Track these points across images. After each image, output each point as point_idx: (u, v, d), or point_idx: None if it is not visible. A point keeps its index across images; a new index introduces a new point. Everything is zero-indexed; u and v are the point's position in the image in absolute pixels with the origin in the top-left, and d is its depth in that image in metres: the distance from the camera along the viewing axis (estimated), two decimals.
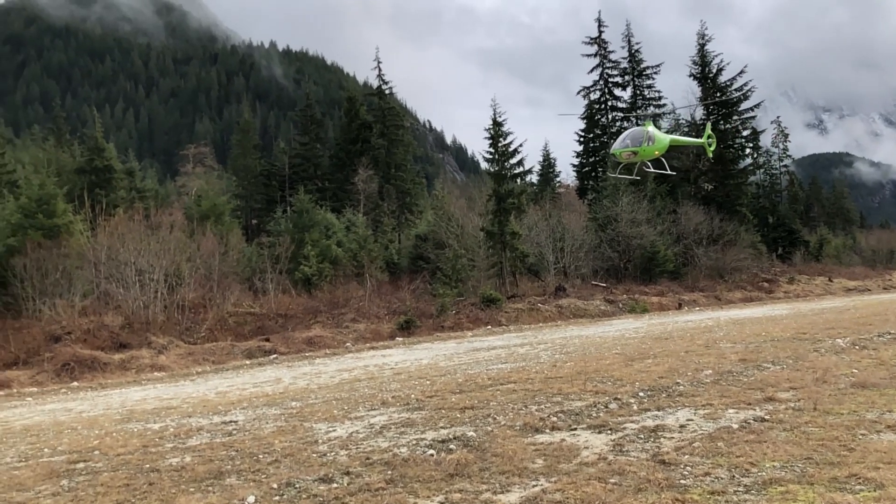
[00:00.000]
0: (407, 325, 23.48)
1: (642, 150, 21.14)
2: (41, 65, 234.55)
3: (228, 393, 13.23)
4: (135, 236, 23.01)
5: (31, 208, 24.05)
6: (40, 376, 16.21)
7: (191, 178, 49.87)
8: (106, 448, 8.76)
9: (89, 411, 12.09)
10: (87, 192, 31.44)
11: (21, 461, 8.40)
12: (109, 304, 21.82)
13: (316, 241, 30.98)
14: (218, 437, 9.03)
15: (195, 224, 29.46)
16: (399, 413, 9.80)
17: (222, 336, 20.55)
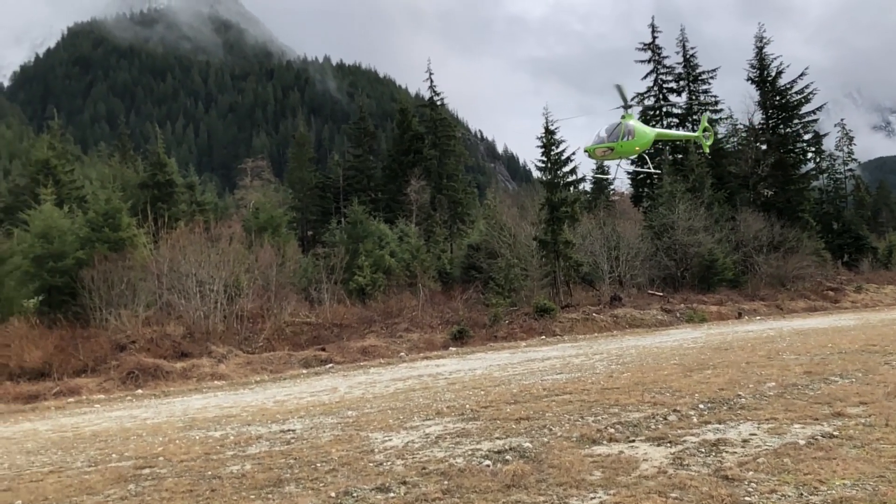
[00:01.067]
0: (460, 334, 23.48)
1: (619, 147, 19.53)
2: (107, 84, 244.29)
3: (286, 402, 13.45)
4: (195, 248, 23.64)
5: (98, 222, 24.95)
6: (107, 384, 16.78)
7: (248, 191, 51.04)
8: (170, 454, 9.00)
9: (153, 418, 12.46)
10: (150, 206, 32.52)
11: (91, 466, 8.71)
12: (171, 315, 22.44)
13: (369, 252, 31.30)
14: (277, 446, 9.18)
15: (253, 236, 30.13)
16: (454, 423, 9.79)
17: (279, 345, 20.92)
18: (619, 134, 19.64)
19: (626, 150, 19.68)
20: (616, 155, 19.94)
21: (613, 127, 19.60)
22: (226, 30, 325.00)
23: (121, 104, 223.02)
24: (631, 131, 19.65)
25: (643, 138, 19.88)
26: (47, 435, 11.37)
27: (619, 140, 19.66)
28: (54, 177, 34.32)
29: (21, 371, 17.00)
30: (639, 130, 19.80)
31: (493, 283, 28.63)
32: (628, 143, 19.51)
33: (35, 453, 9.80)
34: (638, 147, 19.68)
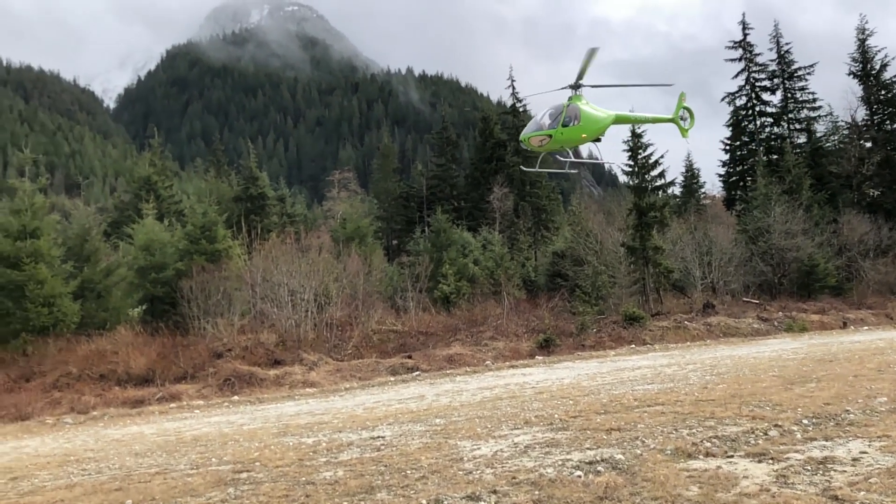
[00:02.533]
0: (546, 343, 23.23)
1: (559, 134, 16.23)
2: (202, 103, 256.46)
3: (375, 409, 13.64)
4: (287, 259, 24.38)
5: (195, 235, 26.11)
6: (205, 390, 17.51)
7: (336, 202, 52.25)
8: (265, 460, 9.28)
9: (249, 424, 12.89)
10: (244, 219, 33.85)
11: (193, 469, 9.08)
12: (265, 323, 23.22)
13: (453, 260, 31.45)
14: (367, 452, 9.31)
15: (341, 246, 30.84)
16: (543, 433, 9.67)
17: (367, 353, 21.29)
18: (560, 119, 16.37)
19: (568, 138, 16.46)
20: (556, 144, 16.59)
21: (555, 110, 16.55)
22: (312, 46, 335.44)
23: (215, 121, 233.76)
24: (576, 115, 16.43)
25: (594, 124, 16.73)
26: (152, 438, 11.96)
27: (559, 126, 16.36)
28: (155, 192, 36.20)
29: (128, 377, 17.98)
30: (587, 115, 16.60)
31: (579, 291, 28.20)
32: (572, 130, 16.32)
33: (142, 455, 10.32)
34: (585, 135, 16.50)
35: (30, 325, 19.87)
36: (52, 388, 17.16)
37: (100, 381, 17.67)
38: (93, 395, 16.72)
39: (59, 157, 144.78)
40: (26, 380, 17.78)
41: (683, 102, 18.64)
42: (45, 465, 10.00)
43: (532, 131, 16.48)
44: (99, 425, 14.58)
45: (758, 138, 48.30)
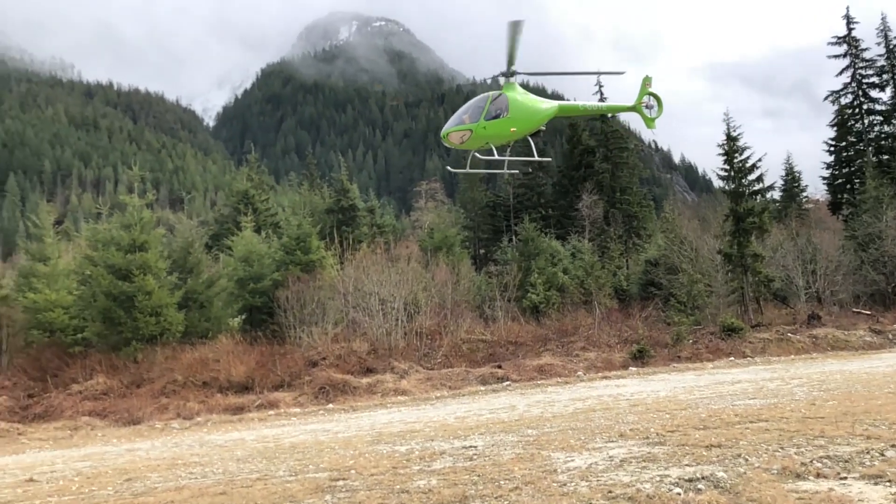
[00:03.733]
0: (640, 354, 22.64)
1: (480, 129, 14.18)
2: (295, 118, 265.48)
3: (466, 418, 13.66)
4: (377, 268, 24.83)
5: (291, 246, 26.97)
6: (301, 398, 18.02)
7: (423, 212, 52.88)
8: (360, 468, 9.45)
9: (344, 432, 13.16)
10: (336, 230, 34.70)
11: (291, 475, 9.35)
12: (357, 332, 23.69)
13: (542, 269, 31.15)
14: (460, 462, 9.33)
15: (429, 255, 31.12)
16: (639, 447, 9.41)
17: (457, 362, 21.36)
18: (483, 111, 14.34)
19: (493, 132, 14.33)
20: (479, 140, 14.41)
21: (479, 101, 14.62)
22: (399, 60, 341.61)
23: (307, 136, 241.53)
24: (503, 107, 14.36)
25: (526, 116, 14.55)
26: (253, 445, 12.40)
27: (481, 119, 14.28)
28: (252, 205, 37.68)
29: (229, 384, 18.73)
30: (518, 105, 14.46)
31: (674, 301, 27.34)
32: (497, 124, 14.20)
33: (244, 461, 10.71)
34: (514, 128, 14.39)
35: (139, 333, 21.01)
36: (159, 394, 18.10)
37: (203, 388, 18.49)
38: (197, 402, 17.51)
39: (163, 173, 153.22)
40: (137, 386, 18.82)
41: (648, 88, 15.90)
42: (156, 468, 10.54)
43: (452, 126, 14.58)
44: (203, 431, 15.25)
45: (866, 138, 45.52)
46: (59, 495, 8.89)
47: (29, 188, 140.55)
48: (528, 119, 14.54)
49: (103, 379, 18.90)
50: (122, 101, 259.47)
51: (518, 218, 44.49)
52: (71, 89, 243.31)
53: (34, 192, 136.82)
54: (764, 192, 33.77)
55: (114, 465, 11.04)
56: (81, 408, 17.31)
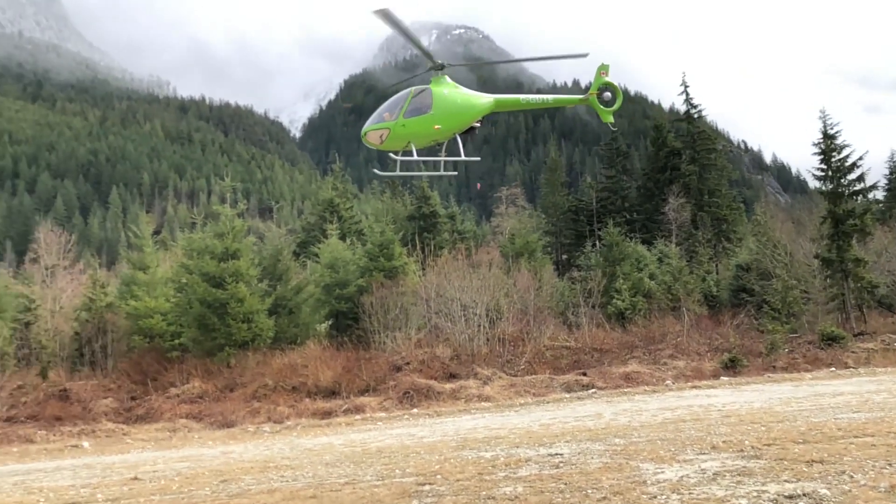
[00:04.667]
0: (732, 363, 21.80)
1: (398, 127, 12.80)
2: None
3: (551, 426, 13.51)
4: (458, 274, 24.94)
5: (374, 253, 27.45)
6: (387, 402, 18.28)
7: (504, 218, 52.71)
8: (446, 473, 9.48)
9: (429, 437, 13.25)
10: (417, 236, 35.07)
11: (379, 480, 9.48)
12: (439, 337, 23.85)
13: (627, 275, 30.50)
14: (546, 469, 9.23)
15: (510, 261, 31.01)
16: (732, 460, 9.05)
17: (540, 369, 21.17)
18: (402, 108, 12.94)
19: (414, 131, 12.79)
20: (398, 140, 12.94)
21: (401, 97, 13.30)
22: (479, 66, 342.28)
23: None
24: (426, 103, 12.90)
25: (454, 112, 13.00)
26: (341, 449, 12.65)
27: (399, 117, 12.87)
28: (337, 214, 38.56)
29: (316, 389, 19.21)
30: (443, 101, 12.94)
31: (767, 307, 26.18)
32: (418, 122, 12.72)
33: (332, 465, 10.94)
34: (439, 125, 12.79)
35: (232, 339, 21.81)
36: (251, 398, 18.74)
37: (292, 393, 19.02)
38: (286, 406, 18.04)
39: (253, 183, 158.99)
40: (230, 390, 19.55)
41: (604, 77, 14.02)
42: (249, 470, 10.91)
43: (370, 124, 13.31)
44: (293, 434, 15.69)
45: None
46: (161, 494, 9.33)
47: (129, 200, 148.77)
48: (454, 115, 12.94)
49: (199, 383, 19.73)
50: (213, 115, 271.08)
51: (601, 222, 43.73)
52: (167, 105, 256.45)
53: (134, 203, 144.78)
54: (865, 193, 31.86)
55: (210, 466, 11.49)
56: (179, 410, 18.14)
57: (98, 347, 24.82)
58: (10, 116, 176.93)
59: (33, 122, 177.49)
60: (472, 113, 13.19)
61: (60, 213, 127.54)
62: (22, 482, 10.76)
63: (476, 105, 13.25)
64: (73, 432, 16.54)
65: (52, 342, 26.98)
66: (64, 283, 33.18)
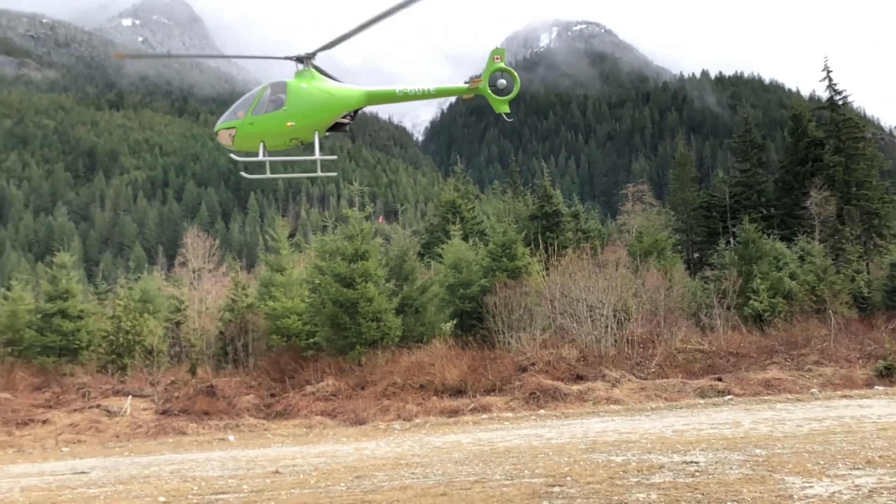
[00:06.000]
0: (888, 371, 20.05)
1: (245, 126, 11.69)
2: (498, 128, 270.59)
3: (685, 432, 12.99)
4: (583, 274, 24.50)
5: (497, 253, 27.51)
6: (513, 402, 18.27)
7: (631, 215, 51.29)
8: (576, 475, 9.35)
9: (557, 439, 13.12)
10: (540, 236, 34.80)
11: (507, 479, 9.49)
12: (565, 338, 23.53)
13: (765, 274, 28.79)
14: (680, 477, 8.90)
15: (638, 260, 30.12)
16: (891, 476, 8.35)
17: (672, 373, 20.41)
18: (252, 105, 11.90)
19: (265, 130, 11.70)
20: (249, 139, 11.90)
21: (252, 94, 12.25)
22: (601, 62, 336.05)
23: (510, 145, 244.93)
24: (279, 99, 11.82)
25: (314, 109, 11.83)
26: (469, 447, 12.77)
27: (247, 115, 11.85)
28: (460, 214, 38.97)
29: (443, 388, 19.49)
30: (299, 96, 11.77)
31: None
32: (268, 120, 11.70)
33: (461, 463, 11.06)
34: (292, 123, 11.65)
35: (362, 338, 22.55)
36: (381, 396, 19.30)
37: (420, 391, 19.41)
38: (415, 404, 18.44)
39: (379, 187, 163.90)
40: (361, 388, 20.23)
41: (498, 63, 12.54)
42: (381, 467, 11.23)
43: (221, 122, 12.25)
44: (421, 432, 16.01)
45: None
46: (300, 488, 9.79)
47: (266, 205, 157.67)
48: (312, 112, 11.80)
49: (332, 381, 20.55)
50: None
51: (736, 219, 41.63)
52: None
53: (270, 208, 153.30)
54: None
55: (344, 462, 11.94)
56: (314, 407, 18.98)
57: (240, 346, 26.46)
58: (160, 130, 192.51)
59: (180, 134, 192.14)
60: (335, 109, 12.09)
61: (204, 218, 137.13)
62: (177, 471, 11.64)
63: (340, 100, 12.13)
64: (220, 426, 17.71)
65: (199, 341, 29.09)
66: (209, 285, 35.70)
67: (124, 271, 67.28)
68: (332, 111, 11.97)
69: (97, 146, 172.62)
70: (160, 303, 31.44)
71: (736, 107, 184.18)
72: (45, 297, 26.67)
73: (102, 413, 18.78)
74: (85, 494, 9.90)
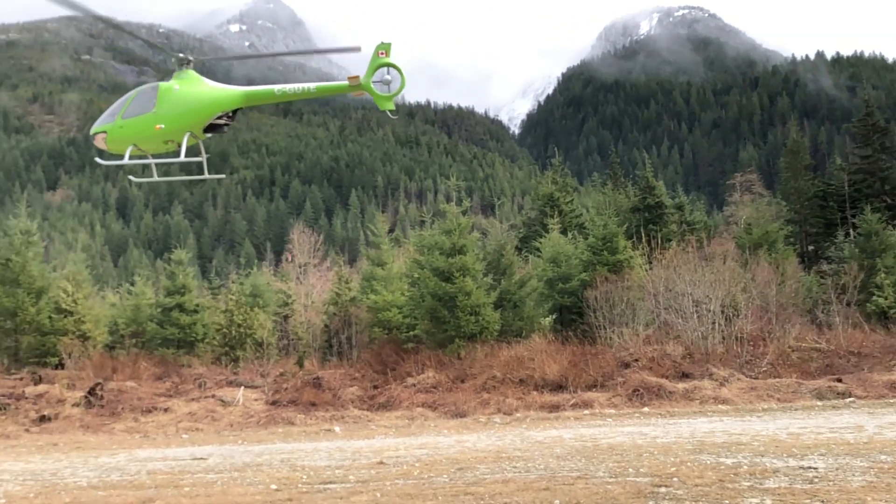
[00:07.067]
0: None
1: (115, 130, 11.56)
2: (597, 119, 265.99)
3: (801, 435, 12.33)
4: (689, 268, 23.65)
5: (597, 246, 27.00)
6: (615, 399, 17.90)
7: (738, 206, 49.17)
8: (684, 476, 9.07)
9: (662, 438, 12.75)
10: (643, 228, 33.89)
11: (611, 477, 9.32)
12: (669, 334, 22.81)
13: (890, 268, 26.83)
14: (797, 483, 8.48)
15: (747, 253, 28.79)
16: None
17: (786, 372, 19.39)
18: (123, 108, 11.81)
19: (135, 133, 11.62)
20: (120, 143, 11.80)
21: (125, 97, 12.09)
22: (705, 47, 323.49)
23: (609, 136, 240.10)
24: (150, 102, 11.67)
25: (184, 112, 11.66)
26: (570, 443, 12.62)
27: (117, 118, 11.80)
28: (558, 208, 38.52)
29: (543, 382, 19.35)
30: (170, 98, 11.62)
31: None
32: (137, 123, 11.59)
33: (563, 458, 10.96)
34: (161, 126, 11.50)
35: (461, 331, 22.71)
36: (481, 389, 19.38)
37: (520, 385, 19.35)
38: (515, 398, 18.39)
39: (475, 181, 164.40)
40: (461, 381, 20.38)
41: (383, 58, 11.74)
42: (483, 460, 11.28)
43: (96, 125, 12.18)
44: (522, 426, 15.96)
45: None
46: (404, 479, 9.99)
47: (366, 201, 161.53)
48: (183, 114, 11.70)
49: (433, 373, 20.81)
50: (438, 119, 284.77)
51: (856, 208, 39.08)
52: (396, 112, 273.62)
53: (370, 204, 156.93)
54: None
55: (446, 454, 12.07)
56: (415, 399, 19.27)
57: (344, 339, 27.25)
58: (266, 131, 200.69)
59: (285, 134, 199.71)
60: (207, 110, 11.94)
61: (309, 215, 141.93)
62: (287, 460, 12.12)
63: (214, 101, 12.00)
64: (326, 417, 18.28)
65: (306, 333, 30.17)
66: (314, 280, 36.97)
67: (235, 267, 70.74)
68: (204, 112, 11.93)
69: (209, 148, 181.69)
70: (269, 297, 32.83)
71: (855, 89, 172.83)
72: (165, 292, 28.35)
73: (217, 403, 19.78)
74: (204, 480, 10.47)
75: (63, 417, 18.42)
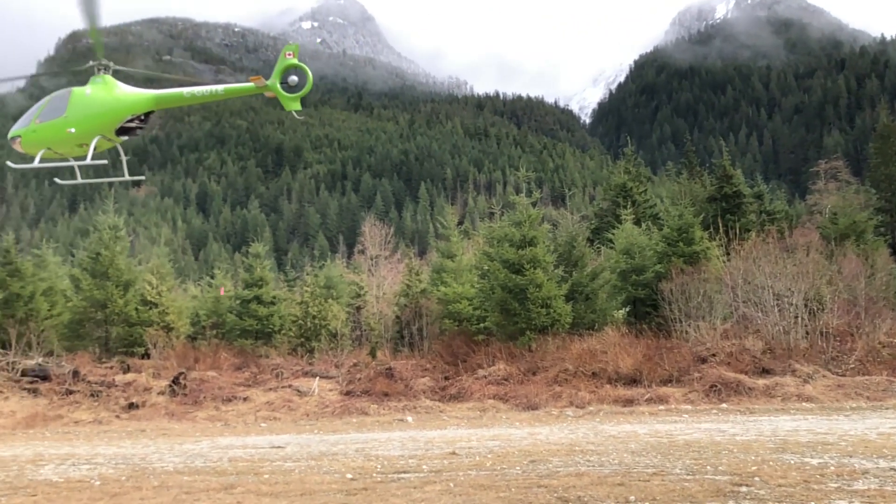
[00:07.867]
0: None
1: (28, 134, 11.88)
2: (671, 107, 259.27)
3: (892, 435, 11.74)
4: (769, 259, 22.77)
5: (672, 237, 26.33)
6: (691, 395, 17.44)
7: (823, 195, 47.01)
8: (765, 476, 8.78)
9: (742, 435, 12.36)
10: (720, 219, 32.82)
11: (689, 474, 9.10)
12: (748, 328, 22.05)
13: None
14: (888, 485, 8.10)
15: (833, 244, 27.53)
16: None
17: (876, 369, 18.46)
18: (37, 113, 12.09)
19: (47, 137, 11.88)
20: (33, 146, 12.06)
21: (41, 101, 12.32)
22: (786, 29, 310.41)
23: (684, 123, 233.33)
24: (61, 106, 11.88)
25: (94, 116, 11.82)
26: (645, 438, 12.38)
27: (31, 122, 12.09)
28: (631, 198, 37.71)
29: (616, 376, 19.03)
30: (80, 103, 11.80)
31: None
32: (49, 127, 11.83)
33: (638, 454, 10.76)
34: (72, 130, 11.68)
35: (532, 324, 22.56)
36: (553, 382, 19.21)
37: (592, 379, 19.10)
38: (587, 392, 18.16)
39: (545, 172, 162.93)
40: (532, 373, 20.26)
41: (290, 59, 11.73)
42: (556, 452, 11.20)
43: (14, 129, 12.44)
44: (595, 420, 15.76)
45: None
46: (476, 470, 10.02)
47: (435, 194, 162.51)
48: (92, 118, 11.96)
49: (503, 365, 20.77)
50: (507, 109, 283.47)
51: None
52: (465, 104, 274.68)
53: (439, 197, 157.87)
54: None
55: (518, 446, 12.04)
56: (486, 391, 19.27)
57: (415, 330, 27.53)
58: (338, 126, 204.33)
59: (356, 129, 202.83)
60: (116, 114, 12.18)
61: (379, 208, 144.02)
62: (362, 449, 12.34)
63: (122, 105, 12.24)
64: (398, 407, 18.50)
65: (378, 325, 30.64)
66: (385, 272, 37.48)
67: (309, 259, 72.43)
68: (112, 116, 12.23)
69: (283, 143, 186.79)
70: (342, 289, 33.48)
71: None
72: (243, 285, 29.27)
73: (294, 393, 20.29)
74: (282, 468, 10.78)
75: (150, 405, 19.26)
